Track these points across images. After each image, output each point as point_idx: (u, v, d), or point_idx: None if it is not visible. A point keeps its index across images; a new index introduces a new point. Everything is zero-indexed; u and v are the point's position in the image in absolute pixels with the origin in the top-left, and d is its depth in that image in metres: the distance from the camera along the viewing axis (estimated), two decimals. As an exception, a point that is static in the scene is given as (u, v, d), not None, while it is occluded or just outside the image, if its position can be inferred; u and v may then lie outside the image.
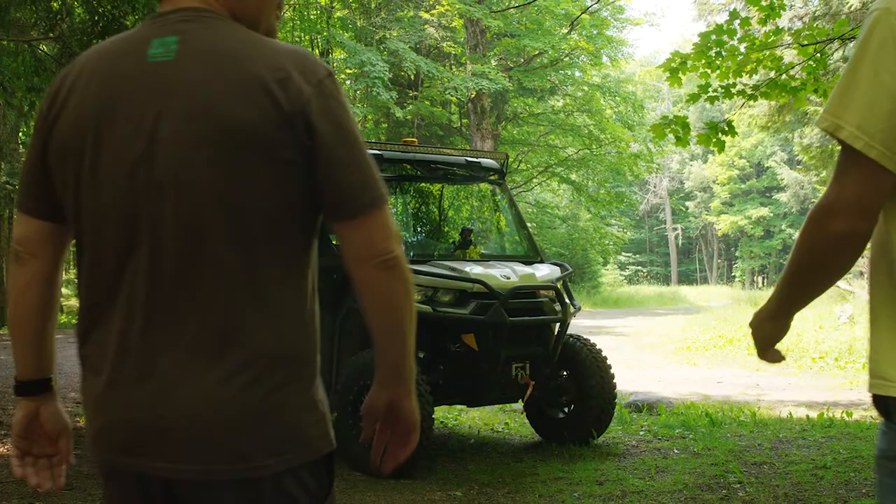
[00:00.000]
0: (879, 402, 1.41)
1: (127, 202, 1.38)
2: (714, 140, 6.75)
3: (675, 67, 6.75)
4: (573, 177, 28.75)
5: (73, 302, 27.91)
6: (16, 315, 1.56)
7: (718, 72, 6.66)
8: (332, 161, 1.37)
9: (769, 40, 6.53)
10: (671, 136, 6.76)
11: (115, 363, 1.41)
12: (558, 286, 5.74)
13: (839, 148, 1.37)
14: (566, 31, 23.66)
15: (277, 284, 1.39)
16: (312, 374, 1.45)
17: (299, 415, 1.41)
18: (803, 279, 1.49)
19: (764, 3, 6.65)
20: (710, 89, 6.79)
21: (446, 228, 6.90)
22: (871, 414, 7.34)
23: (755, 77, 6.90)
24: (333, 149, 1.37)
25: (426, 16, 23.98)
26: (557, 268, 6.06)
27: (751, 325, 1.69)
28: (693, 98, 6.91)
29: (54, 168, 1.46)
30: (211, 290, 1.36)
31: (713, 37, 6.55)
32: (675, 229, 55.65)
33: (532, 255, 6.40)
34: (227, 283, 1.36)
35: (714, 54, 6.58)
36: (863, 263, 23.27)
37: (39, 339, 1.58)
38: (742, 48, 6.59)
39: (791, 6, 16.46)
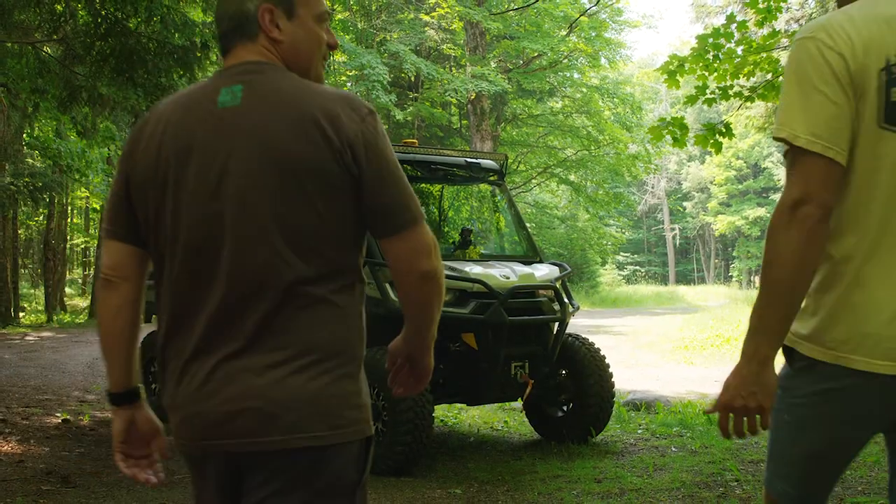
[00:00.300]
0: (786, 349, 1.76)
1: (204, 228, 1.60)
2: (712, 141, 6.76)
3: (673, 70, 6.76)
4: (572, 177, 28.73)
5: (77, 301, 27.89)
6: (109, 336, 1.74)
7: (716, 74, 6.67)
8: (377, 186, 1.60)
9: (766, 43, 6.54)
10: (669, 137, 6.76)
11: (192, 365, 1.62)
12: (557, 286, 5.74)
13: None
14: (565, 33, 23.67)
15: (328, 291, 1.61)
16: (357, 367, 1.64)
17: (343, 401, 1.60)
18: (784, 285, 1.65)
19: (761, 6, 6.66)
20: (707, 91, 6.79)
21: (446, 229, 6.90)
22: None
23: (752, 79, 6.91)
24: (377, 175, 1.60)
25: (426, 18, 23.97)
26: (556, 268, 6.06)
27: (741, 396, 1.71)
28: (691, 100, 6.91)
29: (136, 200, 1.68)
30: (272, 297, 1.57)
31: (710, 40, 6.56)
32: (672, 229, 55.66)
33: (531, 255, 6.39)
34: (285, 290, 1.57)
35: (711, 57, 6.59)
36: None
37: (130, 355, 1.76)
38: (739, 51, 6.60)
39: (787, 9, 16.45)
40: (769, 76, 6.78)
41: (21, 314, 20.78)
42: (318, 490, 1.59)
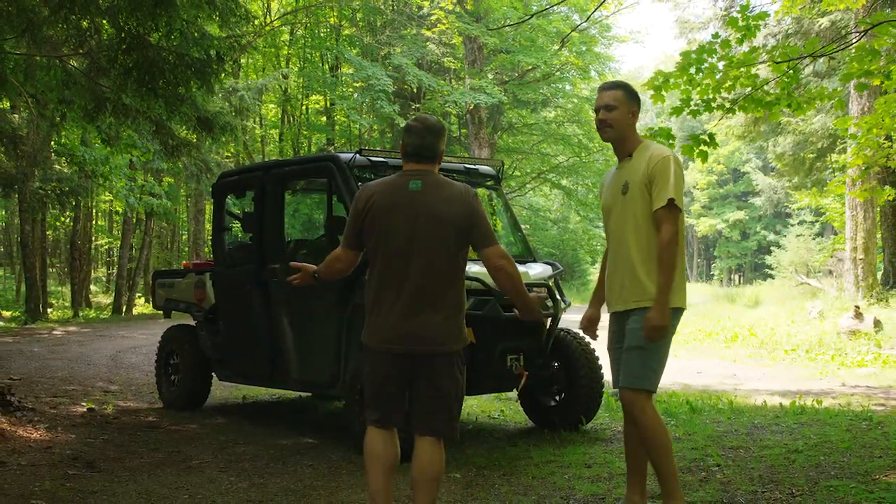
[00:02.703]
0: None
1: (402, 251, 3.21)
2: (697, 151, 6.74)
3: (659, 85, 6.74)
4: (564, 182, 28.73)
5: (101, 298, 27.87)
6: (327, 274, 3.53)
7: (699, 88, 6.65)
8: (481, 228, 3.26)
9: (746, 59, 6.54)
10: (655, 146, 6.75)
11: (393, 312, 3.23)
12: (550, 284, 5.73)
13: (809, 157, 2.03)
14: (557, 47, 23.66)
15: (455, 279, 3.28)
16: (464, 314, 3.32)
17: (459, 330, 3.30)
18: (674, 266, 3.55)
19: (741, 24, 6.65)
20: (691, 103, 6.78)
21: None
22: (840, 402, 7.35)
23: (733, 93, 6.90)
24: (481, 223, 3.25)
25: (428, 33, 23.95)
26: (549, 267, 6.05)
27: (658, 321, 3.58)
28: (676, 111, 6.91)
29: (364, 231, 3.30)
30: (433, 283, 3.22)
31: (693, 56, 6.55)
32: (658, 231, 55.48)
33: (526, 255, 6.39)
34: (438, 280, 3.23)
35: (694, 71, 6.58)
36: (831, 262, 23.26)
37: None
38: (720, 66, 6.59)
39: (765, 24, 16.44)
40: (748, 90, 6.77)
41: (49, 310, 20.78)
42: None
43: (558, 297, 5.76)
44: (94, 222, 28.17)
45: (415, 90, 26.15)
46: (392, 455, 3.40)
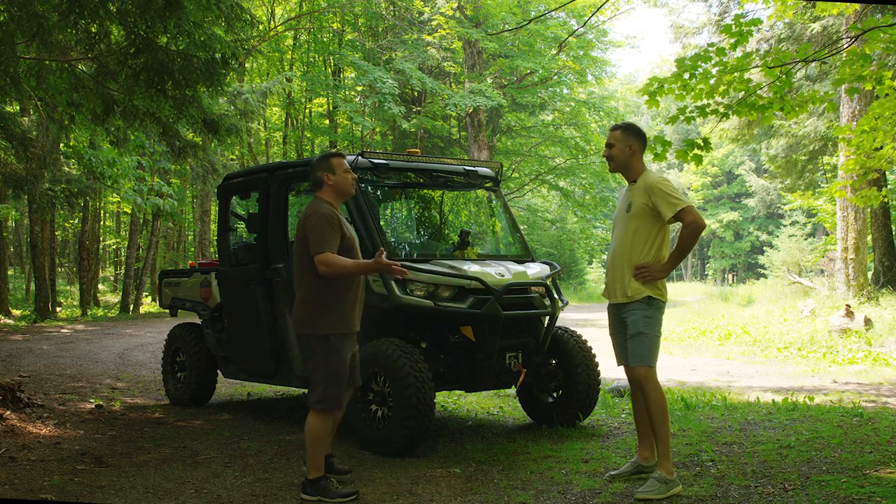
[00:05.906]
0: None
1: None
2: (691, 155, 6.74)
3: (653, 91, 6.73)
4: (561, 184, 28.73)
5: (109, 297, 27.87)
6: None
7: (693, 93, 6.65)
8: (307, 237, 4.12)
9: (739, 64, 6.53)
10: (649, 154, 6.77)
11: None
12: (548, 283, 5.73)
13: (801, 159, 2.06)
14: (555, 52, 23.67)
15: (305, 278, 4.16)
16: (320, 308, 4.13)
17: (313, 317, 4.14)
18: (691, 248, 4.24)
19: (734, 30, 6.65)
20: (686, 110, 6.78)
21: (446, 231, 6.88)
22: (831, 398, 7.34)
23: (727, 97, 6.90)
24: (306, 235, 4.13)
25: (429, 38, 23.95)
26: (547, 266, 6.04)
27: (654, 276, 4.21)
28: (672, 120, 6.91)
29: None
30: (295, 280, 4.25)
31: (688, 62, 6.55)
32: (653, 231, 55.36)
33: (524, 255, 6.38)
34: (296, 277, 4.23)
35: (688, 76, 6.58)
36: (823, 262, 23.25)
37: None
38: (714, 71, 6.59)
39: (758, 30, 16.43)
40: (741, 94, 6.76)
41: (58, 309, 20.77)
42: None
43: (556, 295, 5.76)
44: (101, 223, 28.17)
45: (416, 94, 26.16)
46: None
